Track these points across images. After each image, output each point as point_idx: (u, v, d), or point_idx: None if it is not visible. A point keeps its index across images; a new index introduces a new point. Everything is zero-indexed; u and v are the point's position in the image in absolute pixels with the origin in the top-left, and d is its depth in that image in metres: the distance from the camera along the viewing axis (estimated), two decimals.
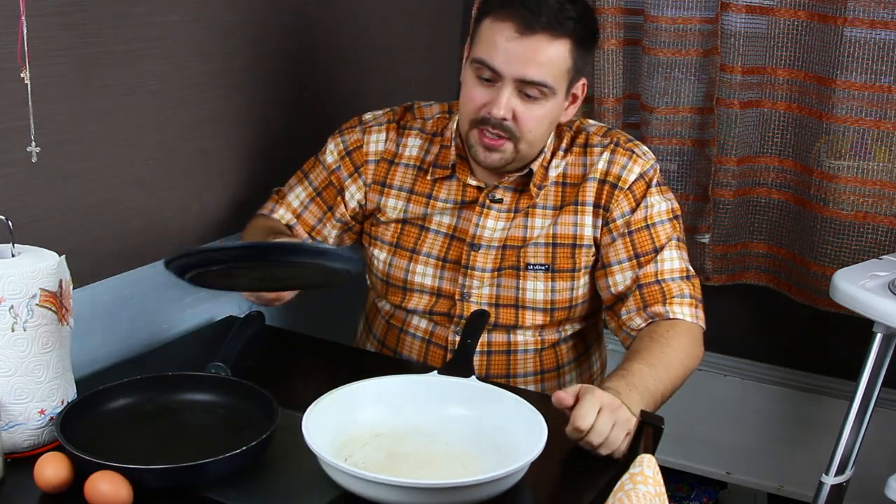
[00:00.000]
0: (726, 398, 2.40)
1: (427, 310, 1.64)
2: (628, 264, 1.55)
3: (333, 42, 2.02)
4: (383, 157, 1.66)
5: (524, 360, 1.64)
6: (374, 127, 1.67)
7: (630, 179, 1.56)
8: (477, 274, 1.60)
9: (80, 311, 1.47)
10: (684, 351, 1.48)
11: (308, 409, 1.23)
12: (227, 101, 1.77)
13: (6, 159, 1.38)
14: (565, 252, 1.58)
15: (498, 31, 1.45)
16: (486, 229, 1.59)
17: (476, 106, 1.49)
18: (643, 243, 1.55)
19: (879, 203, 2.02)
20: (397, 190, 1.64)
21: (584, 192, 1.57)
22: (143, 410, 1.34)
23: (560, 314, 1.61)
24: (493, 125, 1.48)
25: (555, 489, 1.27)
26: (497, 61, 1.45)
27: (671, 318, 1.52)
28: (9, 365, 1.22)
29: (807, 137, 2.08)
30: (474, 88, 1.49)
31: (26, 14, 1.33)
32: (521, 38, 1.43)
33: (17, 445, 1.25)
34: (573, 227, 1.57)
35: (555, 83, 1.46)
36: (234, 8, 1.75)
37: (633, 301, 1.54)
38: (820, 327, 2.22)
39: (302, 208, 1.69)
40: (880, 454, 2.15)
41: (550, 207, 1.58)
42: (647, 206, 1.56)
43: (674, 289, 1.54)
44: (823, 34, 2.00)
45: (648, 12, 2.13)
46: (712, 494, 2.55)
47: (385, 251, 1.65)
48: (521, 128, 1.48)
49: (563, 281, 1.58)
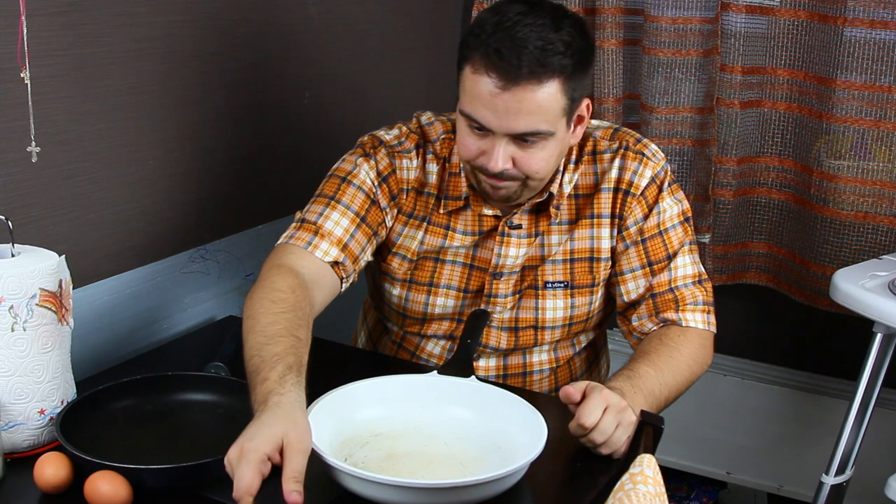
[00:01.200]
0: (726, 398, 2.40)
1: (447, 335, 1.60)
2: (641, 272, 1.52)
3: (333, 42, 2.02)
4: (414, 186, 1.54)
5: (540, 380, 1.62)
6: (404, 153, 1.53)
7: (642, 185, 1.50)
8: (500, 301, 1.55)
9: (80, 311, 1.47)
10: (693, 357, 1.46)
11: (308, 409, 1.23)
12: (227, 101, 1.77)
13: (6, 159, 1.38)
14: (583, 267, 1.54)
15: (479, 84, 1.34)
16: (507, 258, 1.52)
17: (472, 155, 1.41)
18: (656, 251, 1.52)
19: (879, 203, 2.02)
20: (419, 221, 1.54)
21: (599, 204, 1.52)
22: (143, 410, 1.34)
23: (577, 328, 1.59)
24: (493, 175, 1.40)
25: (555, 489, 1.27)
26: (483, 118, 1.36)
27: (682, 325, 1.49)
28: (9, 365, 1.22)
29: (807, 137, 2.08)
30: (467, 137, 1.41)
31: (26, 14, 1.33)
32: (504, 93, 1.32)
33: (17, 445, 1.25)
34: (590, 241, 1.53)
35: (550, 126, 1.36)
36: (234, 8, 1.75)
37: (646, 308, 1.52)
38: (820, 327, 2.22)
39: (348, 237, 1.47)
40: (880, 454, 2.15)
41: (566, 223, 1.53)
42: (659, 212, 1.51)
43: (687, 296, 1.51)
44: (823, 34, 2.00)
45: (648, 12, 2.13)
46: (712, 494, 2.55)
47: (398, 286, 1.57)
48: (526, 170, 1.40)
49: (583, 297, 1.55)
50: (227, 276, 1.84)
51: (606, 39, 2.19)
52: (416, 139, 1.55)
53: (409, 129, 1.56)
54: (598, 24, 2.19)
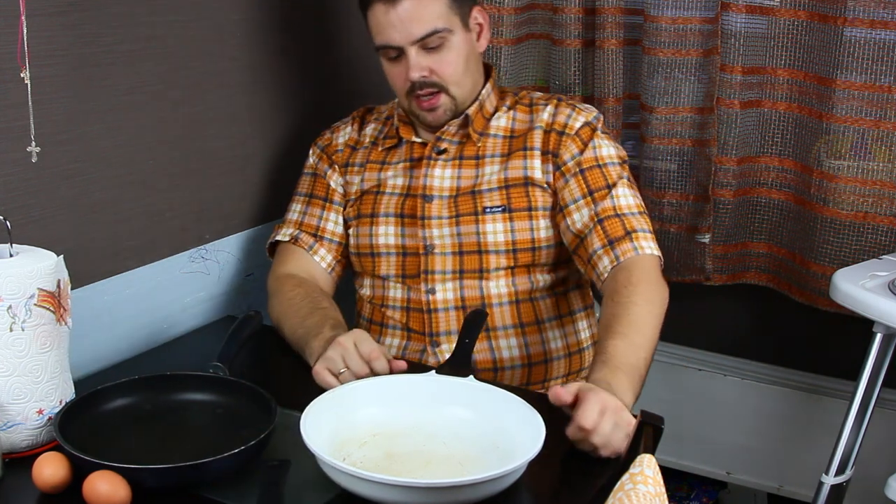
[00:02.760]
0: (726, 398, 2.40)
1: (399, 273, 1.69)
2: (584, 201, 1.60)
3: (333, 42, 2.02)
4: (347, 143, 1.78)
5: (500, 313, 1.66)
6: (340, 125, 1.81)
7: (576, 126, 1.65)
8: (434, 222, 1.65)
9: (79, 310, 1.47)
10: (649, 300, 1.49)
11: (306, 409, 1.23)
12: (227, 101, 1.77)
13: (6, 159, 1.38)
14: (519, 192, 1.64)
15: (376, 13, 1.59)
16: (434, 179, 1.67)
17: (400, 82, 1.63)
18: (596, 180, 1.61)
19: (879, 203, 2.01)
20: (357, 167, 1.75)
21: (532, 139, 1.66)
22: (142, 410, 1.34)
23: (524, 256, 1.64)
24: (419, 87, 1.61)
25: (554, 489, 1.26)
26: (388, 38, 1.59)
27: (639, 254, 1.55)
28: (7, 365, 1.22)
29: (807, 137, 2.08)
30: (391, 70, 1.64)
31: (26, 14, 1.34)
32: (393, 7, 1.56)
33: (16, 445, 1.25)
34: (523, 170, 1.65)
35: (444, 24, 1.58)
36: (234, 8, 1.75)
37: (597, 237, 1.58)
38: (820, 327, 2.22)
39: (301, 216, 1.75)
40: (880, 454, 2.15)
41: (499, 155, 1.67)
42: (595, 147, 1.64)
43: (635, 224, 1.58)
44: (823, 34, 2.00)
45: (648, 12, 2.12)
46: (712, 494, 2.54)
47: (352, 226, 1.73)
48: (442, 74, 1.61)
49: (522, 220, 1.64)
50: (227, 276, 1.84)
51: (606, 39, 2.18)
52: (357, 113, 1.82)
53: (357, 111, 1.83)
54: (598, 24, 2.18)
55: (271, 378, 1.58)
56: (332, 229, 1.75)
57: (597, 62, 2.20)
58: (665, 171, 2.22)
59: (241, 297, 1.87)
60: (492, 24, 2.21)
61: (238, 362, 1.47)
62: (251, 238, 1.87)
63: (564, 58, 2.25)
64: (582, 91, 2.28)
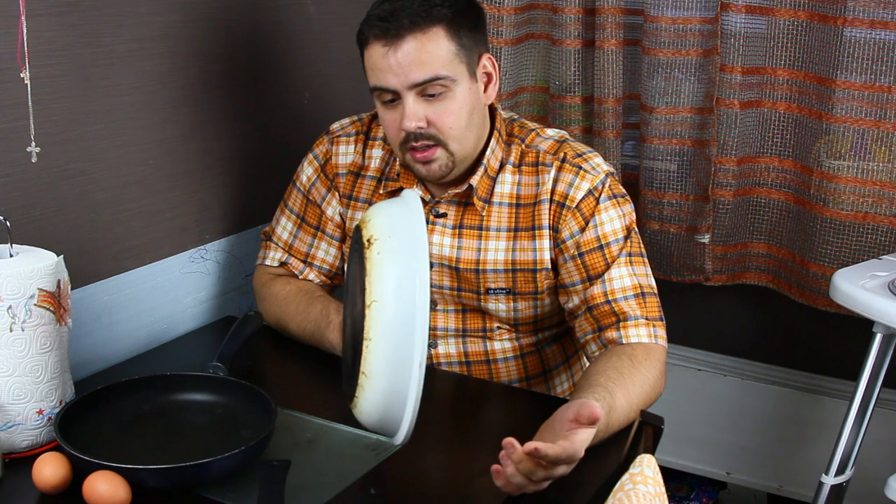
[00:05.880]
0: (726, 398, 2.40)
1: None
2: (581, 287, 1.50)
3: (333, 42, 2.02)
4: (350, 169, 1.63)
5: (506, 368, 1.61)
6: (343, 138, 1.64)
7: (577, 197, 1.49)
8: (435, 291, 1.57)
9: (79, 311, 1.47)
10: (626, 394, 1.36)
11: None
12: (227, 101, 1.77)
13: (6, 159, 1.38)
14: (526, 276, 1.53)
15: (373, 54, 1.44)
16: (433, 246, 1.55)
17: (394, 130, 1.46)
18: (595, 265, 1.49)
19: (879, 203, 2.01)
20: (361, 203, 1.62)
21: (540, 215, 1.51)
22: (142, 410, 1.34)
23: (526, 328, 1.59)
24: (415, 138, 1.44)
25: (555, 489, 1.26)
26: (384, 81, 1.43)
27: (625, 343, 1.44)
28: (7, 365, 1.22)
29: (807, 137, 2.08)
30: (384, 115, 1.47)
31: (26, 14, 1.34)
32: (393, 49, 1.41)
33: (16, 446, 1.25)
34: (533, 253, 1.52)
35: (448, 72, 1.42)
36: (234, 8, 1.75)
37: (587, 323, 1.49)
38: (820, 327, 2.22)
39: (292, 238, 1.68)
40: (880, 454, 2.15)
41: (504, 230, 1.53)
42: (596, 226, 1.49)
43: (626, 309, 1.46)
44: (823, 34, 2.00)
45: (648, 12, 2.13)
46: (712, 494, 2.55)
47: None
48: (441, 127, 1.44)
49: (525, 301, 1.55)
50: (227, 276, 1.84)
51: (606, 39, 2.19)
52: (360, 127, 1.65)
53: (361, 117, 1.67)
54: (598, 24, 2.19)
55: (271, 378, 1.58)
56: (323, 257, 1.67)
57: (596, 62, 2.20)
58: (665, 172, 2.23)
59: (241, 298, 1.87)
60: (492, 24, 2.21)
61: (238, 362, 1.47)
62: (251, 238, 1.87)
63: (564, 58, 2.25)
64: (582, 91, 2.28)
